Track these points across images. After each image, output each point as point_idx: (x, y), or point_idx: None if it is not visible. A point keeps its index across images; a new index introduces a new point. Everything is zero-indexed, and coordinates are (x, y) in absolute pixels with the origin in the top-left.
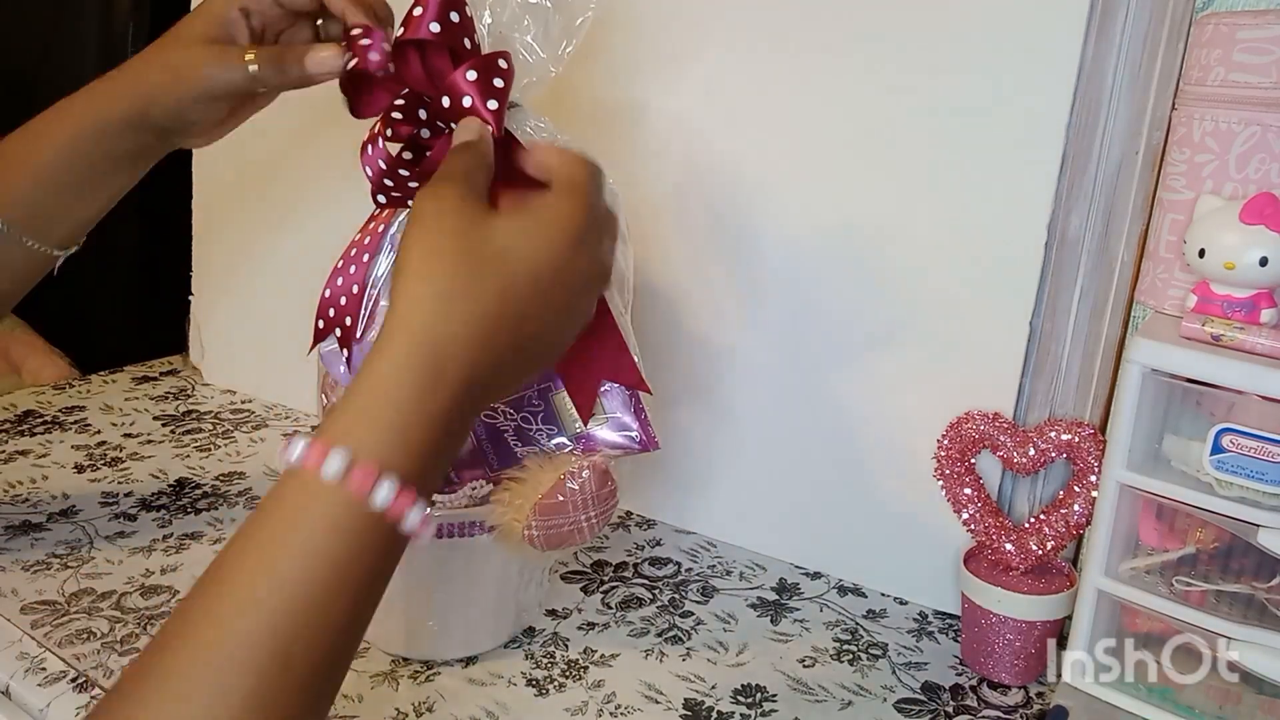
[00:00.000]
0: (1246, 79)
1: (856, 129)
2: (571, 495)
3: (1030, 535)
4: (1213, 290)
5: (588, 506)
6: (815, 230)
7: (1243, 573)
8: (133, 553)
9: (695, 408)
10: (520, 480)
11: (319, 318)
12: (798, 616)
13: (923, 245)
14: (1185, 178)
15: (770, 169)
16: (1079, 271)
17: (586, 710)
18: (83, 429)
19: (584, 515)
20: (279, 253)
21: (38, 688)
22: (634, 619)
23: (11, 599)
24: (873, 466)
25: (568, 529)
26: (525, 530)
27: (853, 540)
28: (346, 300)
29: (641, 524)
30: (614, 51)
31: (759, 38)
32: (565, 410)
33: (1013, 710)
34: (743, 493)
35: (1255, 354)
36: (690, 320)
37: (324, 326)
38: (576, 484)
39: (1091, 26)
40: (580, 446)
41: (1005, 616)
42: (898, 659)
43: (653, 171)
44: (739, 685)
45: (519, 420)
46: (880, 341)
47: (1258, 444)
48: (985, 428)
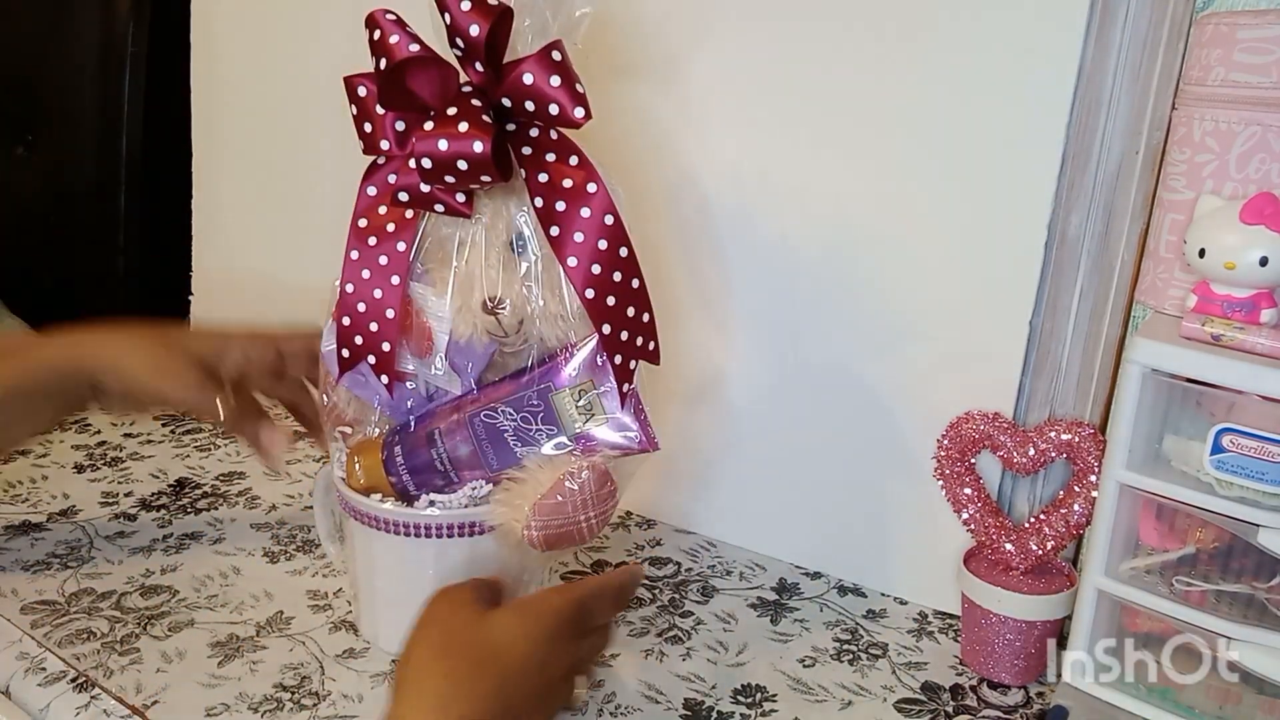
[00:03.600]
0: (1247, 79)
1: (856, 129)
2: (571, 496)
3: (1030, 535)
4: (1213, 290)
5: (587, 507)
6: (815, 230)
7: (1243, 573)
8: (133, 553)
9: (695, 408)
10: (520, 480)
11: (343, 346)
12: (798, 616)
13: (922, 245)
14: (1185, 178)
15: (770, 169)
16: (1079, 271)
17: (586, 710)
18: (83, 429)
19: (583, 516)
20: (279, 252)
21: (38, 688)
22: (634, 619)
23: (11, 599)
24: (873, 466)
25: (567, 529)
26: (525, 530)
27: (853, 540)
28: (379, 327)
29: (641, 524)
30: (615, 52)
31: (758, 39)
32: (565, 411)
33: (1013, 710)
34: (743, 493)
35: (1255, 354)
36: (690, 320)
37: (350, 356)
38: (576, 484)
39: (1091, 26)
40: (580, 447)
41: (1005, 616)
42: (898, 659)
43: (652, 171)
44: (739, 685)
45: (519, 420)
46: (880, 341)
47: (1258, 444)
48: (985, 428)
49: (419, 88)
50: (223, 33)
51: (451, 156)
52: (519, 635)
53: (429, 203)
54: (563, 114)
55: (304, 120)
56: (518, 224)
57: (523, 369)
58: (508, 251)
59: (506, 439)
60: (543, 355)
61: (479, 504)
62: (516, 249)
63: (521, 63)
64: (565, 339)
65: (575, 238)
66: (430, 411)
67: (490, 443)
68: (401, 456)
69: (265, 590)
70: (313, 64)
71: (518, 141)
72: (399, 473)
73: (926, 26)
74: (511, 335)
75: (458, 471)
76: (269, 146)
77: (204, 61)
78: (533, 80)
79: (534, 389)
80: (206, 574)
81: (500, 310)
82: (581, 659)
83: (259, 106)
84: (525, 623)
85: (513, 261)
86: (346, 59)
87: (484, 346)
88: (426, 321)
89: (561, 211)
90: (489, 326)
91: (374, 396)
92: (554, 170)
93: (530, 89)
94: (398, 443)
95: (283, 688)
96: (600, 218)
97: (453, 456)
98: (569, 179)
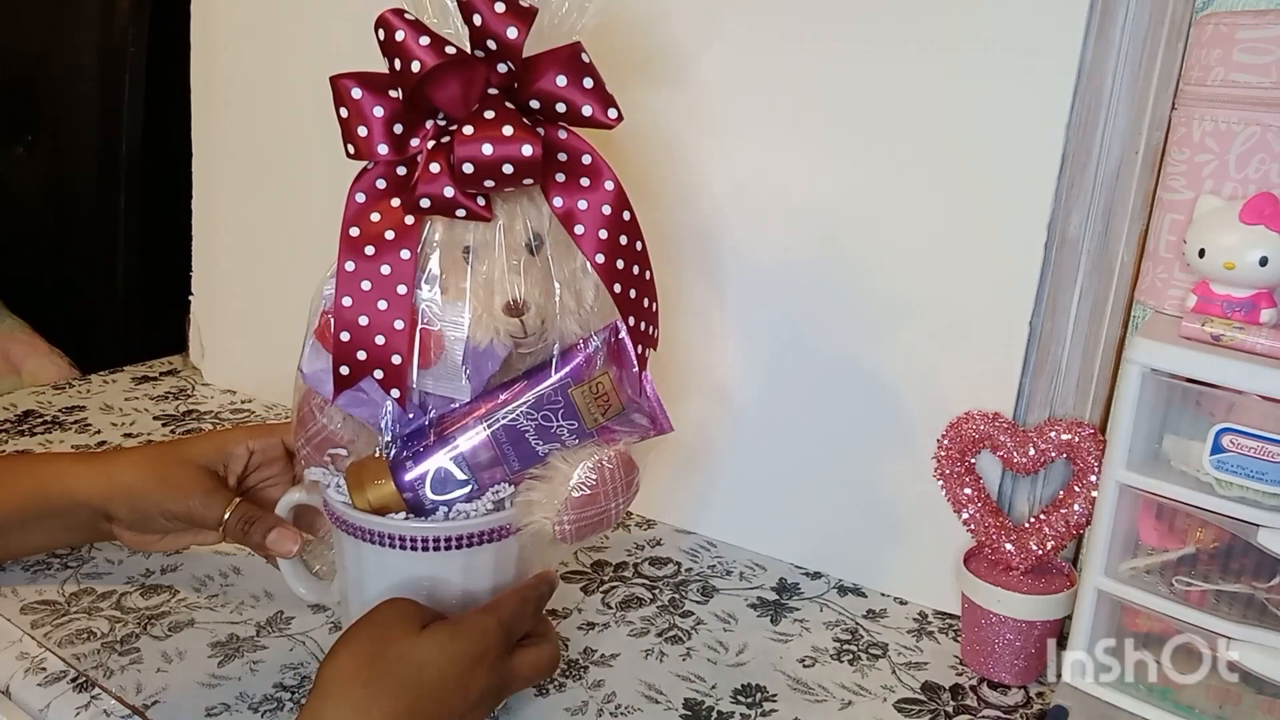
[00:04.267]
0: (1246, 79)
1: (856, 129)
2: (602, 486)
3: (1030, 535)
4: (1213, 290)
5: (617, 494)
6: (815, 230)
7: (1243, 573)
8: (133, 553)
9: (696, 408)
10: (545, 478)
11: (341, 363)
12: (798, 616)
13: (922, 245)
14: (1185, 178)
15: (772, 170)
16: (1079, 271)
17: (586, 710)
18: (83, 429)
19: (613, 504)
20: (279, 252)
21: (38, 688)
22: (634, 619)
23: (11, 599)
24: (873, 466)
25: (599, 519)
26: (556, 525)
27: (853, 540)
28: (387, 339)
29: (641, 524)
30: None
31: (757, 39)
32: (584, 405)
33: (1013, 710)
34: (743, 493)
35: (1255, 354)
36: (690, 320)
37: (350, 373)
38: (606, 473)
39: (1091, 26)
40: (601, 438)
41: (1005, 616)
42: (898, 659)
43: (652, 171)
44: (739, 685)
45: (539, 419)
46: (880, 341)
47: (1258, 444)
48: (985, 428)
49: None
50: (223, 33)
51: (497, 161)
52: (443, 654)
53: (451, 209)
54: (595, 116)
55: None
56: (534, 225)
57: (534, 368)
58: (526, 253)
59: (528, 438)
60: (558, 351)
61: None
62: (534, 250)
63: (547, 65)
64: (585, 333)
65: (579, 205)
66: (439, 420)
67: (511, 444)
68: (415, 471)
69: (265, 590)
70: (313, 64)
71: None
72: (414, 487)
73: (926, 26)
74: (533, 336)
75: (477, 476)
76: (269, 147)
77: (204, 61)
78: (566, 82)
79: (555, 386)
80: (206, 574)
81: (525, 312)
82: (514, 676)
83: (259, 107)
84: (452, 642)
85: (532, 263)
86: (347, 59)
87: (502, 350)
88: (433, 330)
89: (562, 183)
90: (511, 330)
91: (374, 414)
92: (569, 169)
93: (562, 91)
94: (409, 457)
95: (283, 687)
96: (601, 184)
97: (472, 463)
98: (585, 177)
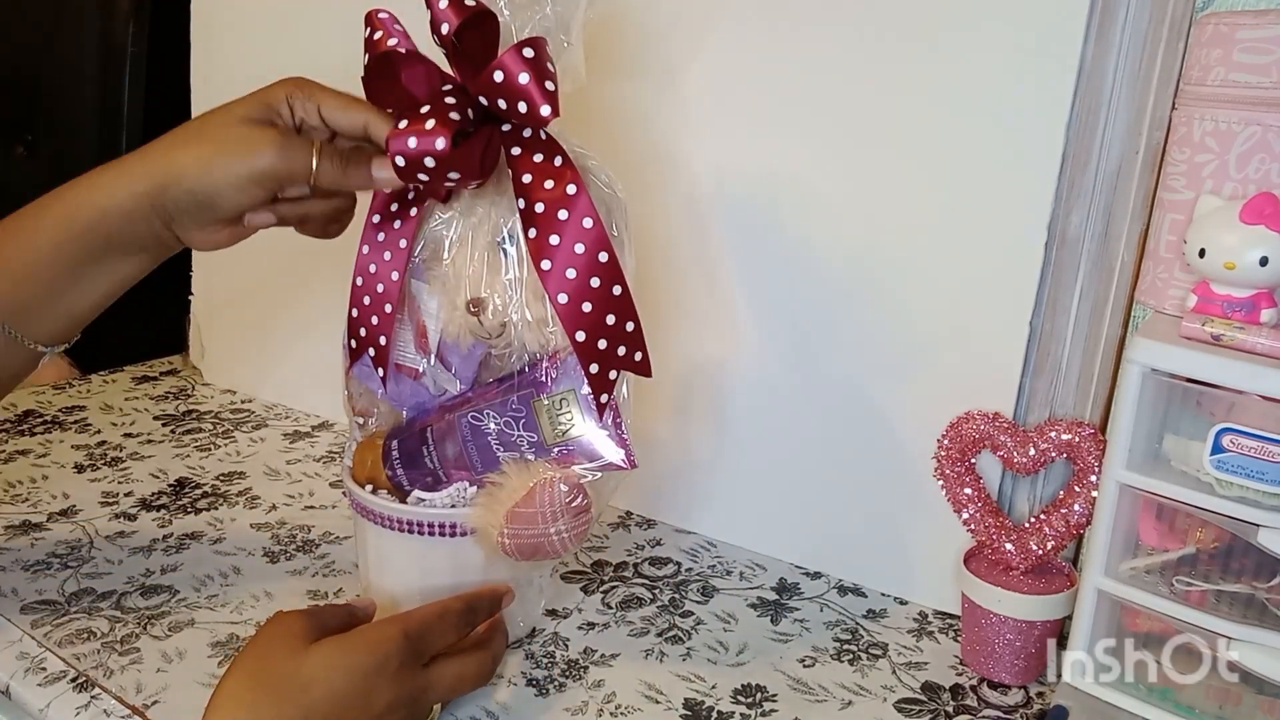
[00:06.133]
0: (1246, 79)
1: (855, 130)
2: (542, 506)
3: (1030, 535)
4: (1213, 290)
5: (558, 519)
6: (816, 231)
7: (1243, 573)
8: (133, 553)
9: (695, 408)
10: (498, 485)
11: (351, 337)
12: (798, 616)
13: (922, 245)
14: (1185, 178)
15: (768, 171)
16: (1079, 271)
17: (586, 710)
18: (83, 429)
19: (553, 528)
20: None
21: (38, 688)
22: (634, 619)
23: (11, 599)
24: (873, 466)
25: (538, 540)
26: (498, 536)
27: (853, 540)
28: (379, 320)
29: (641, 524)
30: (615, 52)
31: (758, 39)
32: (545, 418)
33: (1013, 710)
34: (743, 493)
35: (1255, 354)
36: (690, 321)
37: (357, 346)
38: (547, 495)
39: (1091, 26)
40: (557, 456)
41: (1005, 616)
42: (898, 659)
43: (655, 174)
44: (739, 685)
45: (502, 425)
46: (880, 341)
47: (1258, 444)
48: (985, 428)
49: (413, 86)
50: (223, 33)
51: (420, 154)
52: (334, 669)
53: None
54: (531, 111)
55: None
56: (505, 225)
57: (516, 372)
58: (494, 252)
59: (490, 442)
60: (530, 360)
61: (461, 505)
62: (503, 250)
63: (497, 60)
64: (546, 345)
65: (551, 240)
66: (428, 409)
67: (475, 445)
68: (398, 452)
69: (265, 590)
70: (313, 64)
71: (509, 141)
72: (394, 467)
73: (926, 27)
74: (494, 338)
75: (446, 471)
76: None
77: (204, 61)
78: (503, 77)
79: (516, 394)
80: (206, 574)
81: (483, 311)
82: (430, 686)
83: None
84: (345, 656)
85: (498, 263)
86: (347, 59)
87: (470, 347)
88: (423, 318)
89: (540, 213)
90: (471, 328)
91: (378, 388)
92: (538, 171)
93: (502, 86)
94: (396, 437)
95: None
96: (579, 221)
97: (441, 456)
98: (550, 180)
